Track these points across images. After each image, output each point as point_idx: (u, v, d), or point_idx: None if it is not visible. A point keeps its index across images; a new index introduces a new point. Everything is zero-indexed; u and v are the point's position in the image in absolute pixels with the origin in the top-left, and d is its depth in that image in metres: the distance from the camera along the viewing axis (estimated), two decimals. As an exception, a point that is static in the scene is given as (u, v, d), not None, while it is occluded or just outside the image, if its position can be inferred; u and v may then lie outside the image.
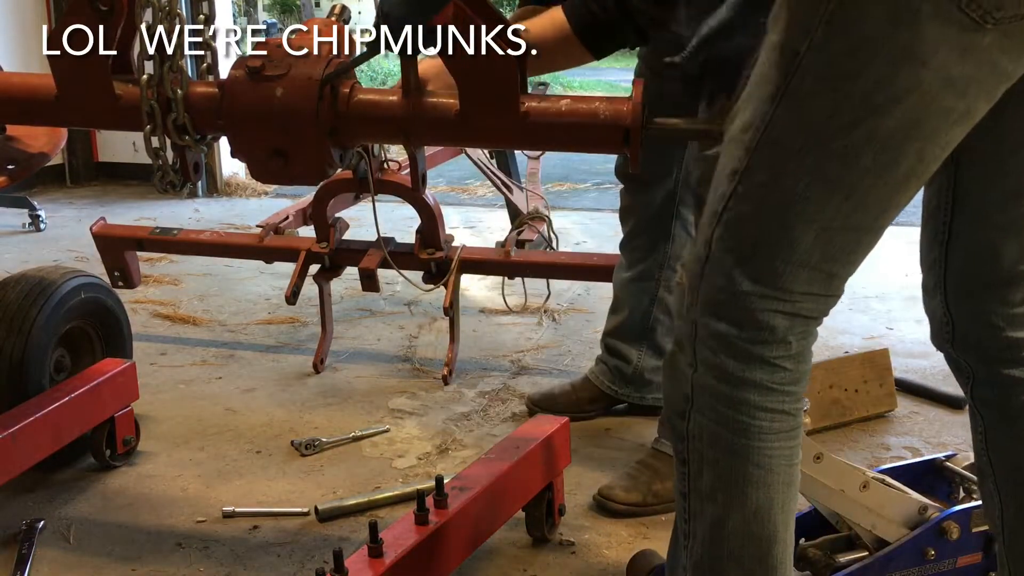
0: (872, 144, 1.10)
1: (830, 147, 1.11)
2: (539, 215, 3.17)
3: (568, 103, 1.55)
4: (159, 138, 1.64)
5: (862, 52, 1.08)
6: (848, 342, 3.13)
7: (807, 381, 1.24)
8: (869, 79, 1.08)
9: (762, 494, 1.22)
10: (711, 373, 1.21)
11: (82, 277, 2.36)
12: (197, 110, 1.64)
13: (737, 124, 1.19)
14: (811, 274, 1.17)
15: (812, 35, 1.09)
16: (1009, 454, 1.35)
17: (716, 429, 1.21)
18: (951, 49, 1.06)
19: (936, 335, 1.41)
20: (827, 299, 1.21)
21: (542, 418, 2.08)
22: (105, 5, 1.59)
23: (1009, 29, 1.06)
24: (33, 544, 1.95)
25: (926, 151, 1.13)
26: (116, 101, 1.65)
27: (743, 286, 1.17)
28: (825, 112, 1.10)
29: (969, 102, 1.11)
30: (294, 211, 3.22)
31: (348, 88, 1.61)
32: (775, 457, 1.22)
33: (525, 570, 1.90)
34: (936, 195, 1.34)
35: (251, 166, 1.65)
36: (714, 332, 1.19)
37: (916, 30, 1.05)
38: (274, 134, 1.59)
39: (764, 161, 1.15)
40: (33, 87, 1.72)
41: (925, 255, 1.39)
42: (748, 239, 1.17)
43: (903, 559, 1.61)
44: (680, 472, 1.27)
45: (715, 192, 1.21)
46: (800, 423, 1.24)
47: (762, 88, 1.15)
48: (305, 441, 2.40)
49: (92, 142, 5.93)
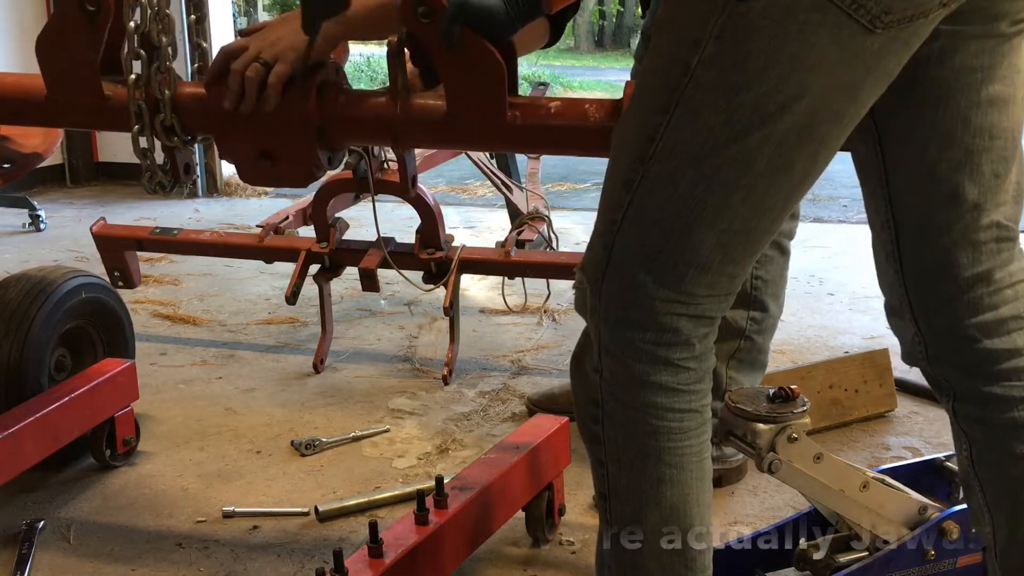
0: (766, 149, 1.13)
1: (725, 154, 1.13)
2: (539, 215, 3.17)
3: (558, 105, 1.54)
4: (147, 139, 1.63)
5: (753, 63, 1.10)
6: (848, 342, 3.13)
7: (711, 379, 1.27)
8: (761, 88, 1.10)
9: (676, 491, 1.25)
10: (617, 377, 1.23)
11: (83, 277, 2.37)
12: (186, 111, 1.63)
13: (628, 131, 1.21)
14: (713, 277, 1.20)
15: (703, 48, 1.12)
16: (997, 470, 1.34)
17: (627, 432, 1.24)
18: (841, 55, 1.09)
19: (908, 355, 1.40)
20: (727, 298, 1.24)
21: (542, 418, 2.08)
22: (93, 5, 1.58)
23: (897, 32, 1.10)
24: (33, 544, 1.95)
25: (819, 153, 1.17)
26: (105, 102, 1.65)
27: (647, 291, 1.19)
28: (719, 121, 1.13)
29: (859, 105, 1.15)
30: (294, 211, 3.22)
31: (336, 90, 1.61)
32: (686, 455, 1.24)
33: (525, 570, 1.91)
34: (877, 213, 1.34)
35: (239, 168, 1.65)
36: (618, 336, 1.22)
37: (805, 39, 1.08)
38: (261, 136, 1.58)
39: (660, 170, 1.17)
40: (25, 87, 1.71)
41: (882, 275, 1.39)
42: (650, 245, 1.19)
43: (903, 559, 1.61)
44: (599, 474, 1.30)
45: (610, 199, 1.22)
46: (708, 418, 1.27)
47: (653, 97, 1.17)
48: (305, 441, 2.40)
49: (92, 142, 5.93)
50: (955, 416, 1.36)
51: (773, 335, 2.21)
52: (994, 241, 1.29)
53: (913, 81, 1.21)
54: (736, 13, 1.09)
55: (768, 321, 2.15)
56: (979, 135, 1.25)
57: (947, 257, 1.29)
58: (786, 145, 1.13)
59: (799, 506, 1.96)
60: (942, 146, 1.26)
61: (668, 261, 1.18)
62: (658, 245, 1.18)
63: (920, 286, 1.33)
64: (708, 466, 1.28)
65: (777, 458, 1.50)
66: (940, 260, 1.30)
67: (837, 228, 4.74)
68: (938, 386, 1.38)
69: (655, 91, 1.17)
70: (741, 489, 2.19)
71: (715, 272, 1.19)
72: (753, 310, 2.10)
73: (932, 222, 1.29)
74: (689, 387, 1.23)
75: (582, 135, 1.53)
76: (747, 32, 1.09)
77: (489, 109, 1.52)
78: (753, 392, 1.54)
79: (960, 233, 1.28)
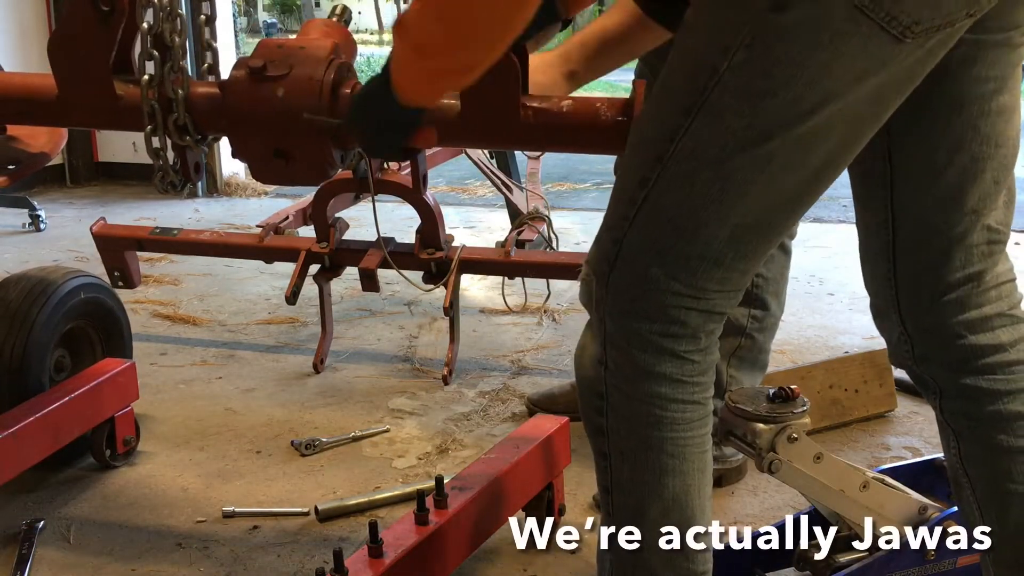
0: (787, 151, 1.14)
1: (746, 155, 1.14)
2: (539, 215, 3.17)
3: (569, 104, 1.55)
4: (160, 138, 1.64)
5: (781, 71, 1.11)
6: (848, 342, 3.13)
7: (714, 372, 1.28)
8: (787, 95, 1.11)
9: (678, 482, 1.26)
10: (622, 369, 1.24)
11: (82, 277, 2.37)
12: (198, 110, 1.64)
13: (647, 130, 1.22)
14: (725, 272, 1.21)
15: (732, 55, 1.12)
16: (984, 466, 1.35)
17: (630, 424, 1.25)
18: (869, 64, 1.10)
19: (895, 356, 1.42)
20: (737, 294, 1.25)
21: (542, 418, 2.08)
22: (107, 5, 1.59)
23: (924, 41, 1.11)
24: (33, 544, 1.95)
25: (838, 157, 1.18)
26: (117, 101, 1.65)
27: (659, 284, 1.20)
28: (741, 125, 1.13)
29: (882, 110, 1.16)
30: (294, 211, 3.22)
31: (349, 88, 1.61)
32: (688, 446, 1.25)
33: (525, 570, 1.91)
34: (874, 213, 1.36)
35: (252, 167, 1.65)
36: (624, 327, 1.23)
37: (835, 49, 1.09)
38: (276, 135, 1.59)
39: (678, 169, 1.17)
40: (34, 87, 1.72)
41: (871, 275, 1.41)
42: (663, 240, 1.20)
43: (903, 559, 1.61)
44: (601, 466, 1.31)
45: (623, 195, 1.23)
46: (710, 411, 1.28)
47: (674, 99, 1.18)
48: (305, 441, 2.40)
49: (92, 142, 5.93)
50: (942, 413, 1.39)
51: (774, 335, 2.21)
52: (986, 244, 1.33)
53: (930, 88, 1.22)
54: (768, 23, 1.10)
55: (769, 319, 2.15)
56: (986, 143, 1.28)
57: (942, 258, 1.32)
58: (806, 150, 1.14)
59: (799, 506, 1.96)
60: (951, 152, 1.28)
61: (681, 255, 1.19)
62: (671, 240, 1.19)
63: (911, 285, 1.36)
64: (709, 459, 1.29)
65: (777, 458, 1.50)
66: (934, 261, 1.33)
67: (837, 228, 4.74)
68: (924, 384, 1.40)
69: (679, 92, 1.18)
70: (741, 489, 2.19)
71: (727, 268, 1.20)
72: (754, 308, 2.11)
73: (931, 224, 1.32)
74: (693, 379, 1.24)
75: (594, 134, 1.55)
76: (778, 41, 1.10)
77: (503, 108, 1.53)
78: (753, 392, 1.54)
79: (957, 236, 1.31)
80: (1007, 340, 1.33)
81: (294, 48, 1.60)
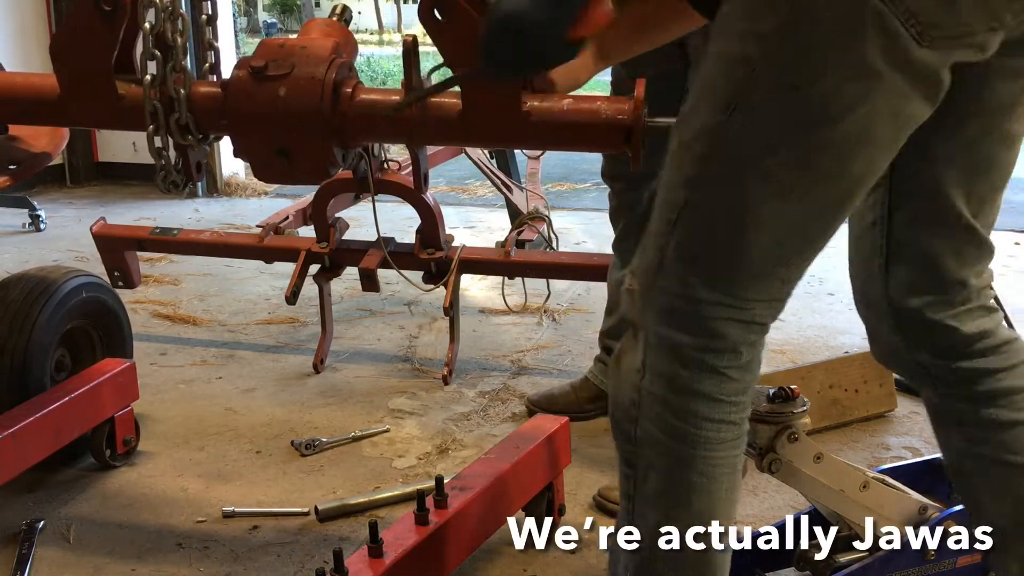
0: (825, 151, 1.14)
1: (784, 154, 1.14)
2: (539, 215, 3.18)
3: (570, 102, 1.56)
4: (162, 138, 1.64)
5: (815, 64, 1.11)
6: (848, 342, 3.13)
7: (752, 392, 1.26)
8: (822, 89, 1.11)
9: (704, 501, 1.24)
10: (660, 381, 1.22)
11: (83, 277, 2.37)
12: (200, 110, 1.64)
13: (686, 133, 1.21)
14: (765, 281, 1.20)
15: (766, 47, 1.12)
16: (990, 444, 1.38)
17: (662, 437, 1.23)
18: (897, 61, 1.10)
19: (885, 351, 1.44)
20: (778, 304, 1.24)
21: (542, 418, 2.08)
22: (109, 5, 1.59)
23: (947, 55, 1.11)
24: (33, 544, 1.95)
25: (876, 156, 1.17)
26: (119, 101, 1.66)
27: (698, 294, 1.19)
28: (779, 121, 1.13)
29: (914, 108, 1.15)
30: (294, 211, 3.22)
31: (351, 88, 1.61)
32: (719, 466, 1.24)
33: (525, 570, 1.91)
34: (871, 211, 1.38)
35: (254, 166, 1.65)
36: (665, 339, 1.21)
37: (865, 41, 1.09)
38: (277, 134, 1.59)
39: (718, 169, 1.17)
40: (36, 87, 1.72)
41: (859, 271, 1.43)
42: (704, 246, 1.19)
43: (903, 559, 1.61)
44: (626, 474, 1.29)
45: (666, 201, 1.22)
46: (744, 432, 1.26)
47: (712, 97, 1.17)
48: (305, 441, 2.40)
49: (92, 142, 5.92)
50: (939, 401, 1.41)
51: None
52: (975, 248, 1.36)
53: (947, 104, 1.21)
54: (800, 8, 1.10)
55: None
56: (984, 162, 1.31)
57: (935, 261, 1.35)
58: (844, 148, 1.14)
59: (799, 506, 1.96)
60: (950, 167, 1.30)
61: (720, 263, 1.18)
62: (711, 246, 1.18)
63: (903, 283, 1.38)
64: (739, 480, 1.27)
65: (777, 458, 1.50)
66: (928, 263, 1.36)
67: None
68: (918, 375, 1.42)
69: (713, 89, 1.17)
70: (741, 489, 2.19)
71: (767, 276, 1.19)
72: None
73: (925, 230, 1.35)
74: (731, 398, 1.23)
75: (595, 132, 1.55)
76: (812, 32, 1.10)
77: (504, 107, 1.53)
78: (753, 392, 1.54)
79: (948, 244, 1.35)
80: (990, 327, 1.38)
81: (295, 48, 1.60)
